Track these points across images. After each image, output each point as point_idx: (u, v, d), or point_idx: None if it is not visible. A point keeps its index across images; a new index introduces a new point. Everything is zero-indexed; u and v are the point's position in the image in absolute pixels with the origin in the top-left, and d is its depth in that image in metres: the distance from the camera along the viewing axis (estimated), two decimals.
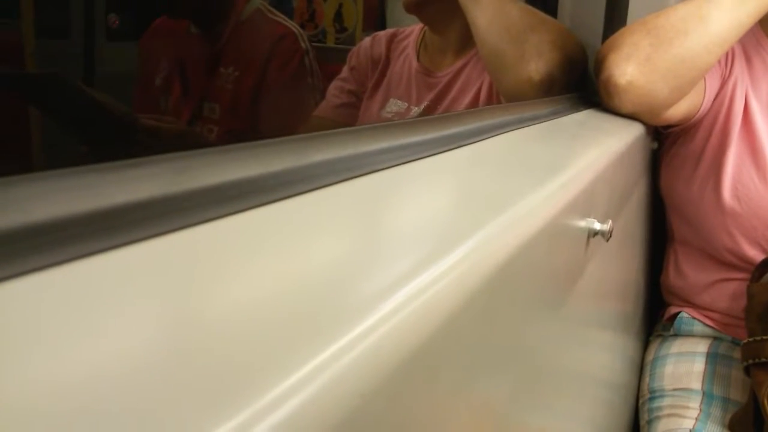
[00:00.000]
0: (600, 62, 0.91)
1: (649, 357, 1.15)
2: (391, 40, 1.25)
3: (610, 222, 0.55)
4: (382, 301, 0.24)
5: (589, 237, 0.55)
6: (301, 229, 0.28)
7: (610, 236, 0.56)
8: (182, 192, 0.24)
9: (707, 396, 1.03)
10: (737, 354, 0.98)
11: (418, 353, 0.25)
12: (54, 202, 0.21)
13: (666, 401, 1.05)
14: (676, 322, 1.13)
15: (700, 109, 1.02)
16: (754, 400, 0.91)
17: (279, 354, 0.20)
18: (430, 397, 0.28)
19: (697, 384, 1.04)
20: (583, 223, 0.53)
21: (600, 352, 0.86)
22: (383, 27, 2.02)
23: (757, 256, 1.01)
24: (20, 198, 0.20)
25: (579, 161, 0.56)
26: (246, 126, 1.27)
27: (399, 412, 0.25)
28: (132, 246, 0.22)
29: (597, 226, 0.55)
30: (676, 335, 1.13)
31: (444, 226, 0.34)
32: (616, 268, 0.88)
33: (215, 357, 0.19)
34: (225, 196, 0.26)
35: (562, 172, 0.50)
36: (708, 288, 1.10)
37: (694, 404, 1.02)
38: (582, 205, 0.52)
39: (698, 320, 1.12)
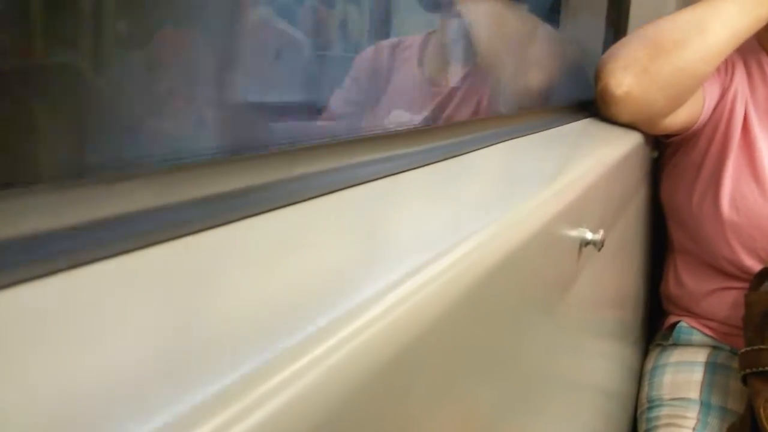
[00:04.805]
0: (598, 72, 0.92)
1: (648, 366, 1.15)
2: (394, 49, 1.25)
3: (602, 232, 0.56)
4: (366, 308, 0.24)
5: (581, 246, 0.55)
6: (284, 241, 0.29)
7: (602, 246, 0.56)
8: (168, 205, 0.25)
9: (705, 405, 1.03)
10: (736, 363, 0.98)
11: (401, 358, 0.26)
12: (42, 215, 0.22)
13: (664, 411, 1.05)
14: (675, 331, 1.13)
15: (699, 118, 1.02)
16: (751, 410, 0.91)
17: (261, 358, 0.20)
18: (413, 402, 0.28)
19: (695, 393, 1.05)
20: (574, 233, 0.53)
21: (597, 361, 0.86)
22: None
23: (755, 266, 1.02)
24: (9, 212, 0.21)
25: (572, 171, 0.56)
26: None
27: (380, 416, 0.25)
28: (119, 257, 0.23)
29: (589, 235, 0.55)
30: (676, 344, 1.14)
31: (432, 234, 0.35)
32: (613, 277, 0.88)
33: (198, 364, 0.20)
34: (211, 209, 0.27)
35: (553, 181, 0.51)
36: (707, 297, 1.10)
37: (692, 414, 1.02)
38: (573, 214, 0.53)
39: (697, 329, 1.12)
